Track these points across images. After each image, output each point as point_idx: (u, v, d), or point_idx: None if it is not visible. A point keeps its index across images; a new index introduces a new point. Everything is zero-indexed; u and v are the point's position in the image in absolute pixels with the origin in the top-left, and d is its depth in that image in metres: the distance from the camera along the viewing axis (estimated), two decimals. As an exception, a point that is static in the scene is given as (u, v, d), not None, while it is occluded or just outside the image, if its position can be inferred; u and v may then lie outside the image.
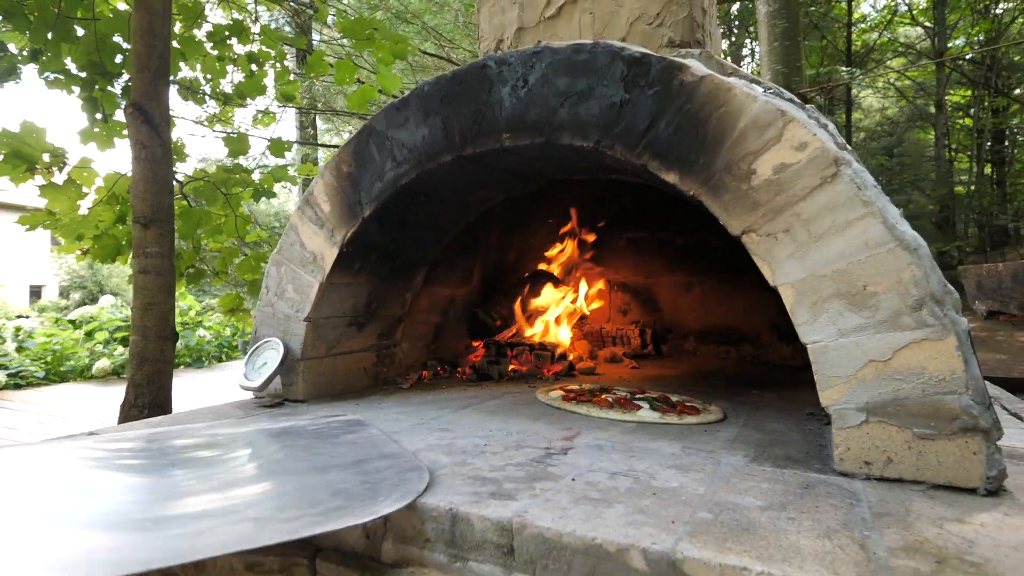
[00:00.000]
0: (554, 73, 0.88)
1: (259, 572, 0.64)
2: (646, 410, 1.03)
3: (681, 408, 1.04)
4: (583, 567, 0.53)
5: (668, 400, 1.10)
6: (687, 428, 0.96)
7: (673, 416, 1.00)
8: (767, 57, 4.32)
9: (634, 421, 0.99)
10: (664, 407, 1.04)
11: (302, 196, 1.14)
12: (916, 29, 12.18)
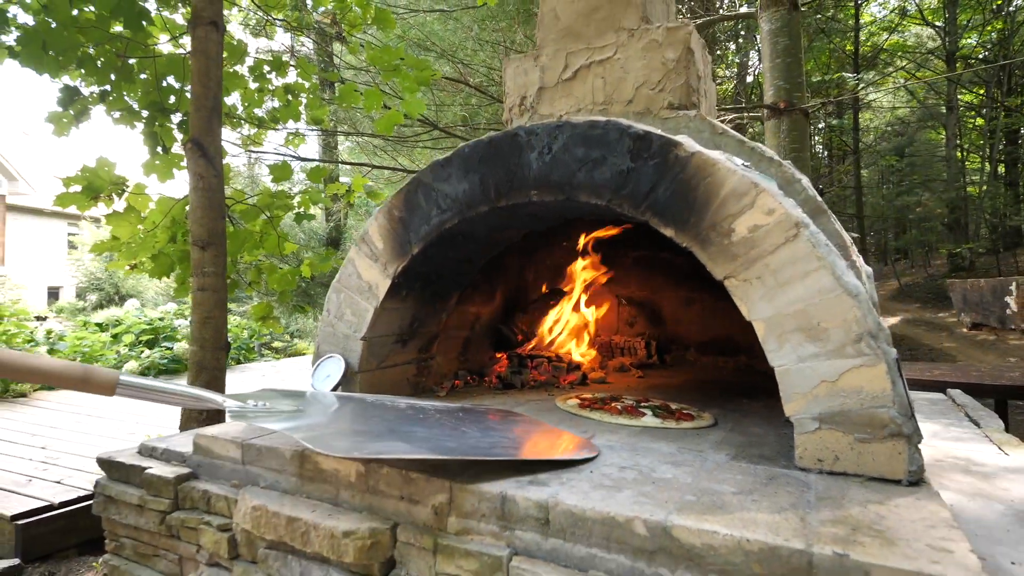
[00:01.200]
0: (573, 143, 1.08)
1: (353, 539, 0.85)
2: (649, 416, 1.23)
3: (679, 415, 1.24)
4: (601, 533, 0.73)
5: (668, 408, 1.30)
6: (683, 432, 1.16)
7: (672, 422, 1.20)
8: (769, 73, 4.50)
9: (639, 426, 1.19)
10: (664, 414, 1.24)
11: (358, 234, 1.35)
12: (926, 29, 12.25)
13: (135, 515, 1.15)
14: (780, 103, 4.41)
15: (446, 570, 0.79)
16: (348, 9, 2.81)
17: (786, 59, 4.42)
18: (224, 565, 1.03)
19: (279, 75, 2.72)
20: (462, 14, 4.18)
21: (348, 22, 2.82)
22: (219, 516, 1.04)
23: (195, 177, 2.09)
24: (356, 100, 2.79)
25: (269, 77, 2.70)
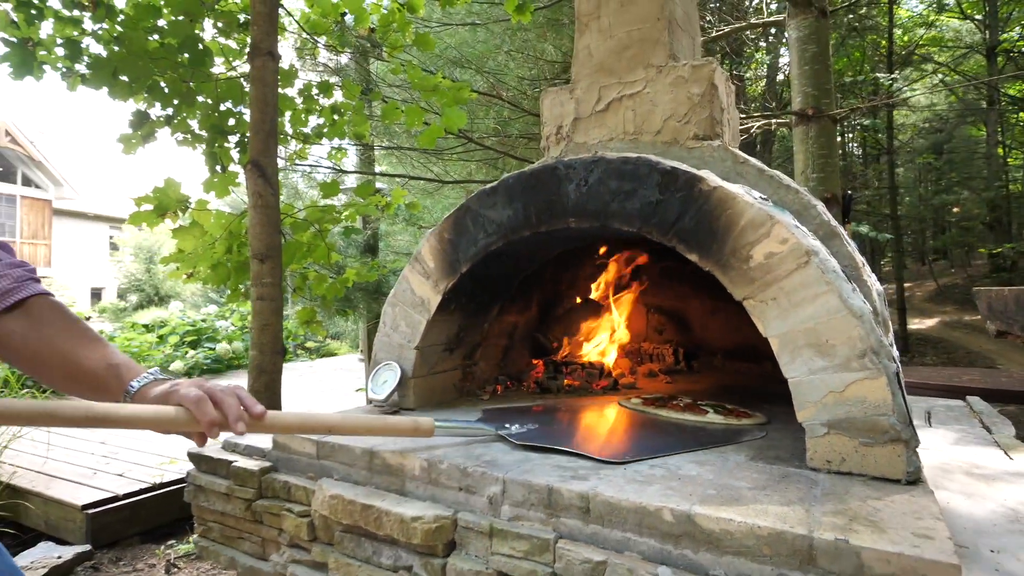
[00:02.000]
0: (607, 177, 1.21)
1: (420, 524, 1.00)
2: (712, 414, 1.37)
3: (736, 413, 1.37)
4: (634, 520, 0.86)
5: (725, 407, 1.43)
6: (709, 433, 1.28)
7: (732, 419, 1.34)
8: (797, 80, 4.54)
9: (703, 422, 1.33)
10: (725, 411, 1.38)
11: (412, 255, 1.50)
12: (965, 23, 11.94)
13: (222, 502, 1.32)
14: (808, 110, 4.45)
15: (501, 550, 0.93)
16: (389, 32, 2.98)
17: (814, 66, 4.45)
18: (303, 546, 1.18)
19: (326, 96, 2.91)
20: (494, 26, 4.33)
21: (390, 44, 2.99)
22: (298, 504, 1.20)
23: (254, 196, 2.27)
24: (398, 117, 2.95)
25: (316, 98, 2.89)
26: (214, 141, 2.56)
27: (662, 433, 1.26)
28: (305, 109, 2.89)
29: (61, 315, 0.85)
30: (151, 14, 2.53)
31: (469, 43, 4.33)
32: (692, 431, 1.27)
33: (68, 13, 2.62)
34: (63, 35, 2.63)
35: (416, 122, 2.94)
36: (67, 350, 0.82)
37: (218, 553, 1.32)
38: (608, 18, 1.52)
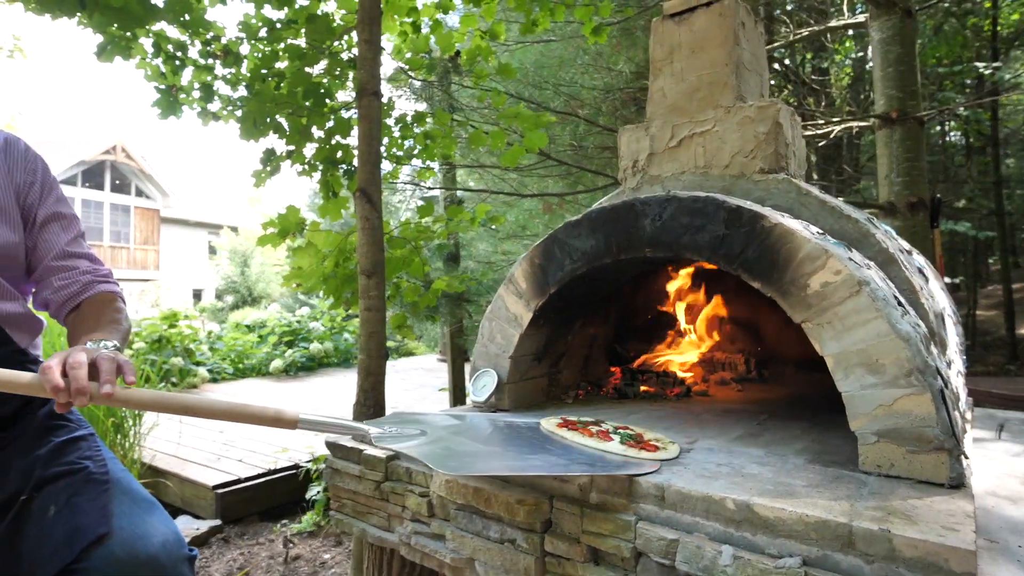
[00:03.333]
0: (679, 213, 1.39)
1: (523, 505, 1.22)
2: (616, 443, 1.34)
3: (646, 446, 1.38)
4: (701, 507, 1.05)
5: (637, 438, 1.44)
6: (773, 438, 1.43)
7: (634, 450, 1.31)
8: (880, 82, 4.45)
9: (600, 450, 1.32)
10: (632, 442, 1.37)
11: (507, 277, 1.73)
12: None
13: (354, 483, 1.60)
14: (892, 113, 4.36)
15: (590, 529, 1.15)
16: (475, 63, 3.25)
17: (898, 68, 4.35)
18: (424, 521, 1.44)
19: (419, 125, 3.22)
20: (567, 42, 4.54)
21: (475, 74, 3.26)
22: (418, 486, 1.46)
23: (362, 219, 2.59)
24: (484, 141, 3.22)
25: (411, 126, 3.20)
26: (327, 171, 2.92)
27: (540, 452, 1.29)
28: (401, 136, 3.22)
29: (95, 310, 1.16)
30: (272, 59, 2.92)
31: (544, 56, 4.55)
32: (580, 455, 1.28)
33: (204, 62, 3.05)
34: (200, 81, 3.06)
35: (500, 144, 3.20)
36: (76, 336, 1.09)
37: (351, 524, 1.61)
38: (680, 63, 1.70)
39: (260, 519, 3.71)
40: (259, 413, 1.08)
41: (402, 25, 3.31)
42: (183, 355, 7.31)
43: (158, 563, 0.95)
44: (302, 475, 3.68)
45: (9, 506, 0.96)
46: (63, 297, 1.13)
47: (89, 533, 0.93)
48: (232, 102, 3.08)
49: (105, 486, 1.01)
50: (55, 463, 1.01)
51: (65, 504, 0.96)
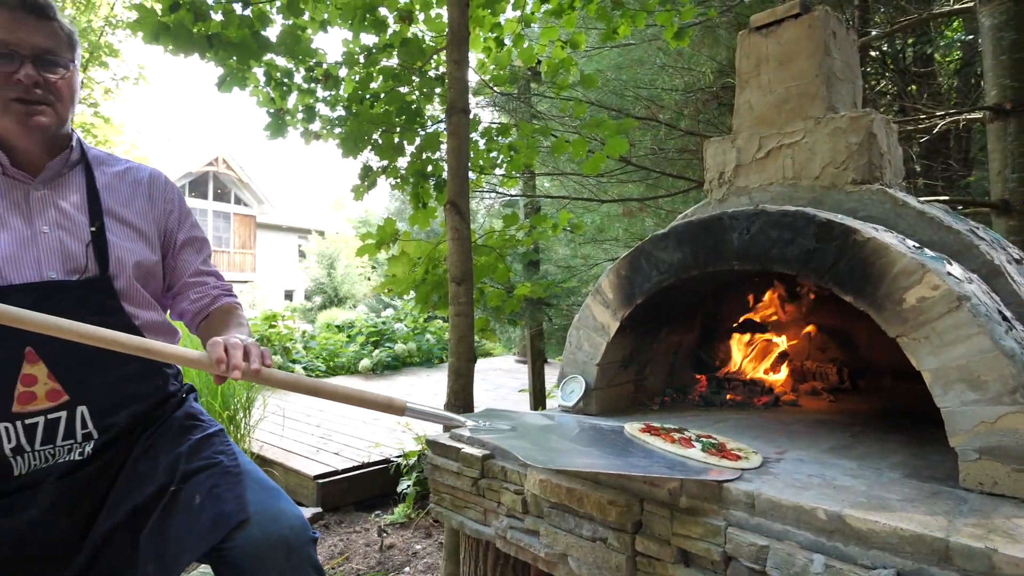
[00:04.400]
0: (768, 227, 1.42)
1: (614, 505, 1.30)
2: (697, 450, 1.37)
3: (728, 454, 1.38)
4: (792, 516, 1.08)
5: (719, 446, 1.42)
6: (867, 451, 1.42)
7: (715, 458, 1.33)
8: (992, 71, 4.13)
9: (682, 455, 1.36)
10: (714, 449, 1.38)
11: (593, 287, 1.81)
12: None
13: (453, 479, 1.73)
14: (1006, 104, 4.04)
15: (680, 531, 1.21)
16: (557, 74, 3.34)
17: (1013, 55, 4.02)
18: (518, 517, 1.55)
19: (504, 137, 3.35)
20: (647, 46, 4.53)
21: (558, 85, 3.36)
22: (513, 484, 1.57)
23: (452, 230, 2.74)
24: (566, 150, 3.31)
25: (496, 139, 3.34)
26: (418, 183, 3.11)
27: (624, 455, 1.35)
28: (487, 149, 3.36)
29: (222, 317, 1.34)
30: (368, 81, 3.14)
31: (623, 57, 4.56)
32: (661, 459, 1.34)
33: (307, 86, 3.32)
34: (303, 103, 3.33)
35: (581, 152, 3.27)
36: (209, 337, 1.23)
37: (450, 517, 1.74)
38: (767, 76, 1.71)
39: (355, 509, 3.97)
40: (373, 399, 1.21)
41: (486, 41, 3.45)
42: (282, 353, 7.88)
43: (289, 544, 1.10)
44: (393, 469, 3.91)
45: (160, 497, 1.14)
46: (198, 307, 1.33)
47: (232, 519, 1.09)
48: (331, 122, 3.34)
49: (239, 477, 1.18)
50: (196, 458, 1.18)
51: (208, 494, 1.13)
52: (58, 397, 1.06)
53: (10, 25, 1.06)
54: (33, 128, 1.10)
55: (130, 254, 1.19)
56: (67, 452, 1.09)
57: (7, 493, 1.05)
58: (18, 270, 1.06)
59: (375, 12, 3.01)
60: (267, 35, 2.90)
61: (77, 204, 1.17)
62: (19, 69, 1.05)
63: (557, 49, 3.46)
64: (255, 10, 2.78)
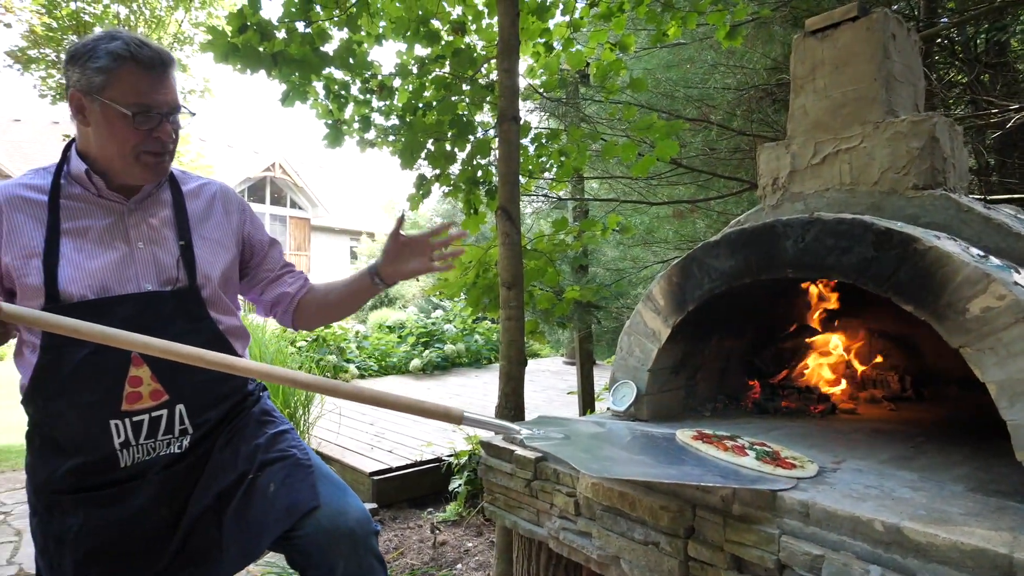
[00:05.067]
0: (823, 235, 1.41)
1: (666, 511, 1.32)
2: (751, 458, 1.36)
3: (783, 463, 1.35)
4: (848, 526, 1.08)
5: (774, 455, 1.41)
6: (929, 462, 1.39)
7: (769, 466, 1.32)
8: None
9: (735, 464, 1.35)
10: (768, 458, 1.37)
11: (644, 294, 1.83)
12: None
13: (506, 480, 1.79)
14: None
15: (733, 538, 1.22)
16: (606, 78, 3.36)
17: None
18: (570, 518, 1.59)
19: (553, 142, 3.39)
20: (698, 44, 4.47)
21: (607, 89, 3.37)
22: (565, 486, 1.61)
23: (503, 235, 2.80)
24: (615, 153, 3.32)
25: (546, 145, 3.38)
26: (469, 190, 3.18)
27: (676, 463, 1.36)
28: (537, 155, 3.41)
29: (324, 284, 1.56)
30: (421, 91, 3.24)
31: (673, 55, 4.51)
32: (714, 467, 1.33)
33: (362, 97, 3.44)
34: (359, 114, 3.46)
35: (631, 156, 3.27)
36: (337, 287, 1.50)
37: (503, 517, 1.80)
38: (823, 80, 1.69)
39: (409, 505, 4.09)
40: (432, 408, 1.27)
41: (535, 47, 3.50)
42: (336, 353, 8.15)
43: (355, 534, 1.19)
44: (444, 468, 4.01)
45: (240, 483, 1.25)
46: (296, 288, 1.50)
47: (303, 506, 1.19)
48: (385, 131, 3.45)
49: (310, 470, 1.28)
50: (271, 450, 1.30)
51: (282, 483, 1.24)
52: (160, 397, 1.18)
53: (148, 85, 1.16)
54: (160, 174, 1.24)
55: (213, 265, 1.31)
56: (166, 446, 1.20)
57: (116, 483, 1.17)
58: (120, 283, 1.18)
59: (428, 24, 3.10)
60: (326, 50, 3.03)
61: (166, 220, 1.29)
62: (159, 128, 1.18)
63: (606, 52, 3.47)
64: (315, 27, 2.91)
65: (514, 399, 2.76)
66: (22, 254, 1.14)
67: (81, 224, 1.20)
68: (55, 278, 1.13)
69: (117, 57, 1.14)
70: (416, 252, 1.44)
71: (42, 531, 1.19)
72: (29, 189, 1.20)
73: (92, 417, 1.15)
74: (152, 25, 8.64)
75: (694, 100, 3.97)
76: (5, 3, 7.83)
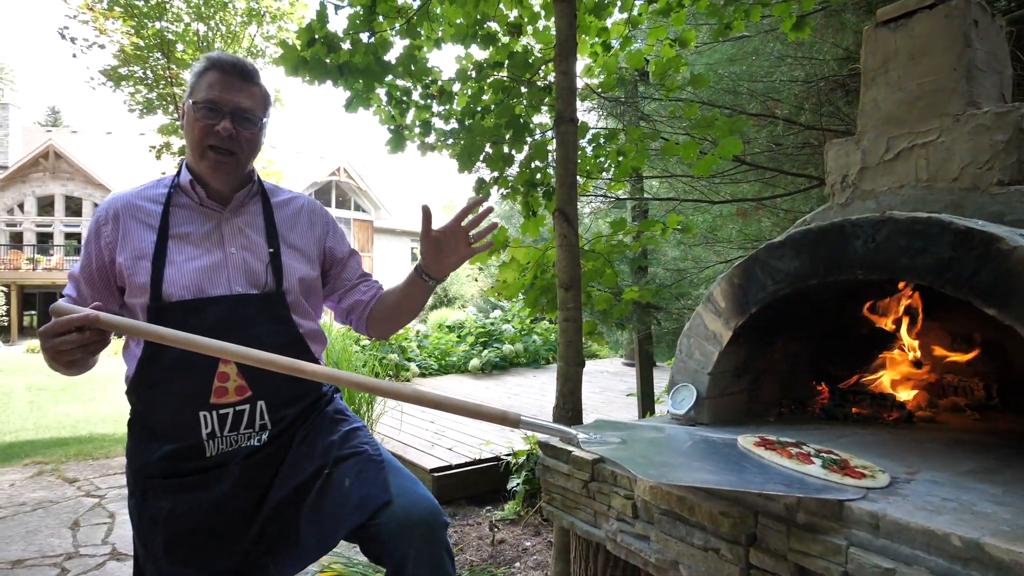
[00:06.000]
0: (896, 235, 1.35)
1: (727, 517, 1.30)
2: (817, 467, 1.30)
3: (851, 472, 1.28)
4: (922, 540, 1.04)
5: (842, 463, 1.33)
6: (1016, 475, 1.30)
7: (837, 475, 1.26)
8: None
9: (800, 472, 1.30)
10: (835, 466, 1.30)
11: (705, 296, 1.80)
12: None
13: (564, 480, 1.80)
14: None
15: (797, 547, 1.19)
16: (666, 76, 3.31)
17: None
18: (628, 521, 1.58)
19: (611, 143, 3.37)
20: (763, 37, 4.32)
21: (667, 87, 3.32)
22: (623, 488, 1.60)
23: (560, 237, 2.81)
24: (676, 151, 3.26)
25: (604, 145, 3.37)
26: (527, 193, 3.21)
27: (738, 470, 1.31)
28: (595, 155, 3.40)
29: (390, 290, 1.60)
30: (479, 95, 3.29)
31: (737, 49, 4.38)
32: (777, 475, 1.28)
33: (423, 102, 3.53)
34: (420, 119, 3.55)
35: (692, 155, 3.21)
36: (396, 290, 1.55)
37: (561, 517, 1.81)
38: (897, 72, 1.61)
39: (468, 503, 4.16)
40: (489, 412, 1.30)
41: (593, 46, 3.49)
42: (398, 352, 8.38)
43: (428, 524, 1.24)
44: (503, 467, 4.05)
45: (317, 477, 1.32)
46: (369, 296, 1.58)
47: (377, 499, 1.25)
48: (445, 134, 3.53)
49: (382, 465, 1.34)
50: (345, 446, 1.36)
51: (356, 478, 1.30)
52: (244, 392, 1.27)
53: (220, 85, 1.28)
54: (220, 173, 1.34)
55: (297, 272, 1.41)
56: (247, 439, 1.29)
57: (202, 470, 1.26)
58: (214, 285, 1.30)
59: (486, 28, 3.15)
60: (388, 59, 3.13)
61: (257, 229, 1.40)
62: (220, 122, 1.28)
63: (666, 48, 3.42)
64: (378, 37, 3.01)
65: (572, 400, 2.77)
66: (133, 255, 1.27)
67: (185, 230, 1.32)
68: (160, 278, 1.24)
69: (206, 61, 1.30)
70: (453, 241, 1.45)
71: (138, 512, 1.31)
72: (145, 199, 1.33)
73: (184, 407, 1.24)
74: (228, 40, 9.16)
75: (758, 95, 3.85)
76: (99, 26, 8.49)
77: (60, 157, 22.87)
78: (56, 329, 1.08)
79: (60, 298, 1.32)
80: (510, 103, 3.14)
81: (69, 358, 1.11)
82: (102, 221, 1.29)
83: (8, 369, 11.91)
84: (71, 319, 1.08)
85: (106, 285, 1.29)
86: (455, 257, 1.46)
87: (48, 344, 1.09)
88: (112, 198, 1.34)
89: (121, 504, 3.83)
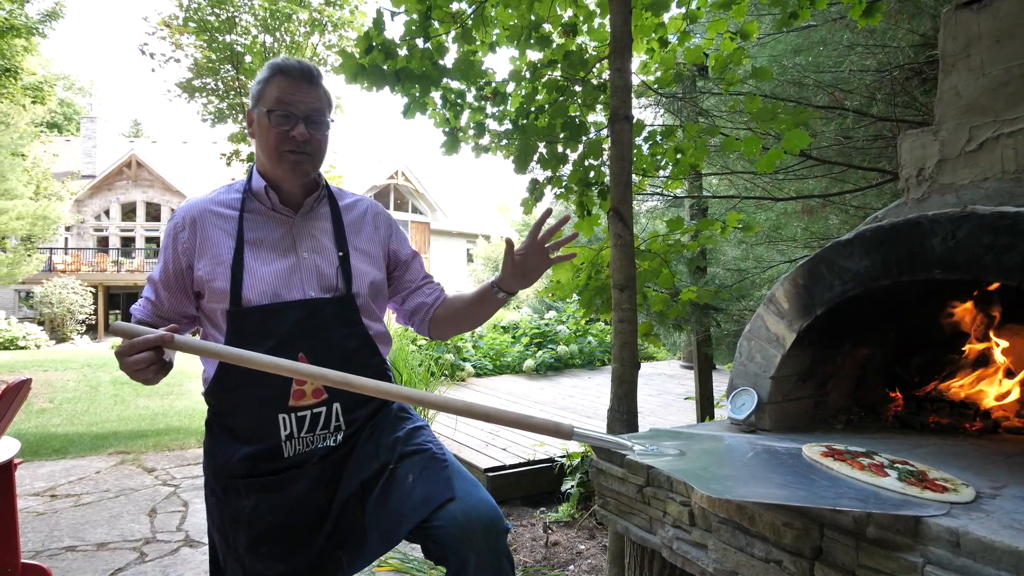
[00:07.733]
0: (979, 231, 1.25)
1: (790, 528, 1.24)
2: (893, 479, 1.22)
3: (931, 485, 1.18)
4: (1009, 561, 0.96)
5: (920, 476, 1.24)
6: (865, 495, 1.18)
7: (916, 489, 1.18)
8: None
9: (874, 485, 1.21)
10: (913, 479, 1.21)
11: (766, 297, 1.73)
12: None
13: (618, 484, 1.77)
14: None
15: (867, 563, 1.12)
16: (726, 69, 3.20)
17: None
18: (684, 528, 1.54)
19: (668, 140, 3.29)
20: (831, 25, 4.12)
21: (727, 81, 3.21)
22: (679, 495, 1.56)
23: (615, 236, 2.77)
24: (736, 147, 3.16)
25: (661, 143, 3.30)
26: (582, 192, 3.19)
27: (805, 482, 1.24)
28: (651, 153, 3.33)
29: (455, 296, 1.61)
30: (533, 95, 3.28)
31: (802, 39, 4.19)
32: (850, 489, 1.21)
33: (477, 104, 3.55)
34: (474, 121, 3.58)
35: (754, 150, 3.09)
36: (465, 299, 1.54)
37: (615, 521, 1.79)
38: (979, 56, 1.50)
39: (522, 503, 4.17)
40: (541, 424, 1.27)
41: (649, 43, 3.42)
42: (454, 351, 8.48)
43: (488, 529, 1.23)
44: (557, 469, 4.03)
45: (382, 473, 1.34)
46: (432, 299, 1.60)
47: (439, 497, 1.25)
48: (499, 136, 3.55)
49: (445, 464, 1.35)
50: (410, 443, 1.38)
51: (419, 475, 1.31)
52: (320, 395, 1.32)
53: (290, 90, 1.30)
54: (299, 175, 1.37)
55: (366, 275, 1.44)
56: (323, 440, 1.34)
57: (280, 471, 1.31)
58: (289, 290, 1.34)
59: (540, 29, 3.15)
60: (444, 63, 3.18)
61: (326, 233, 1.44)
62: (295, 127, 1.31)
63: (726, 42, 3.32)
64: (434, 43, 3.06)
65: (627, 402, 2.72)
66: (212, 262, 1.30)
67: (259, 235, 1.36)
68: (240, 284, 1.29)
69: (270, 69, 1.32)
70: (534, 259, 1.45)
71: (219, 510, 1.36)
72: (220, 204, 1.37)
73: (265, 410, 1.28)
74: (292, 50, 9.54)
75: (826, 86, 3.67)
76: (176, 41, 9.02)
77: (141, 166, 24.48)
78: (131, 350, 1.14)
79: (139, 299, 1.41)
80: (564, 102, 3.12)
81: (144, 376, 1.18)
82: (179, 227, 1.33)
83: (95, 364, 12.83)
84: (146, 340, 1.14)
85: (182, 289, 1.34)
86: (536, 273, 1.47)
87: (123, 363, 1.16)
88: (188, 204, 1.39)
89: (194, 494, 4.05)
